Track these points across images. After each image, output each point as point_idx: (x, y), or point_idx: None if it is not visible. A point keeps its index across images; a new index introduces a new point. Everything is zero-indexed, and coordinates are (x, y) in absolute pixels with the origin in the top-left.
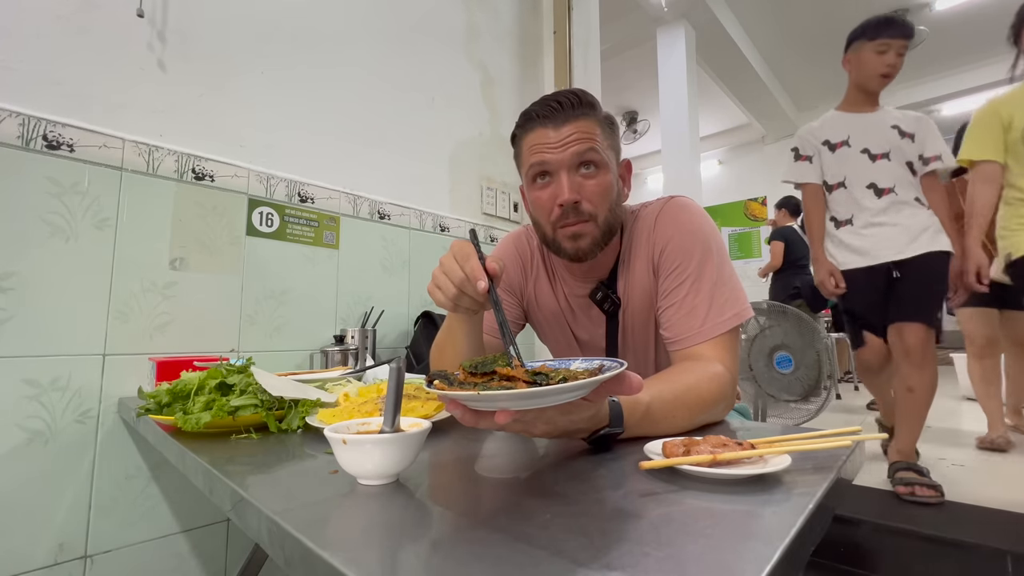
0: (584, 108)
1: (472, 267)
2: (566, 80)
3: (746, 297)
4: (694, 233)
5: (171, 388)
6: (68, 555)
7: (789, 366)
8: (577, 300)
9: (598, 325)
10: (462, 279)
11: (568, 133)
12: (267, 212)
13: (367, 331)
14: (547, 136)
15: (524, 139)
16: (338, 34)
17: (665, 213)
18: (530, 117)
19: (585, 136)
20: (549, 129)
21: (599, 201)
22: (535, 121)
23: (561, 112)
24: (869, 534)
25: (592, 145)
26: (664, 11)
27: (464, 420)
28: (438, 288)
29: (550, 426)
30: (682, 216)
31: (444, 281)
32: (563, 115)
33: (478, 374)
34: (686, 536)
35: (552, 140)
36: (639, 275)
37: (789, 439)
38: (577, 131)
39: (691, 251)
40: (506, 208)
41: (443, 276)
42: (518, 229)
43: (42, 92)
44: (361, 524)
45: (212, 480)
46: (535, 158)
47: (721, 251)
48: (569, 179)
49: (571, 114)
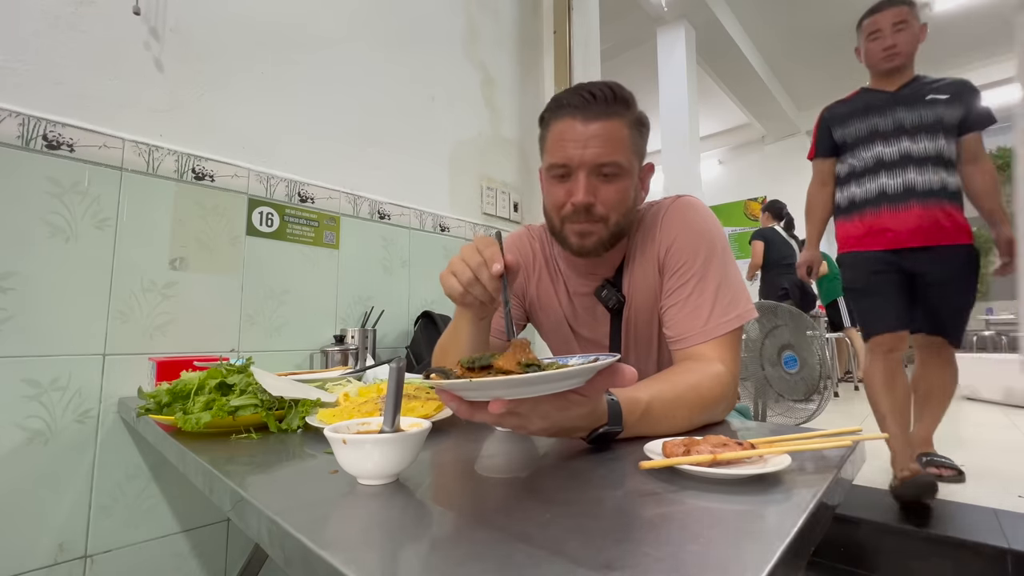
0: (617, 106)
1: (492, 252)
2: (566, 80)
3: (749, 298)
4: (701, 233)
5: (171, 388)
6: (68, 555)
7: (795, 365)
8: (581, 298)
9: (602, 323)
10: (479, 263)
11: (595, 132)
12: (267, 212)
13: (367, 331)
14: (574, 129)
15: (551, 126)
16: (338, 34)
17: (672, 212)
18: (561, 104)
19: (611, 139)
20: (578, 121)
21: (613, 206)
22: (565, 110)
23: (593, 105)
24: (869, 534)
25: (616, 150)
26: (664, 11)
27: (460, 412)
28: (453, 274)
29: (547, 422)
30: (689, 215)
31: (460, 266)
32: (595, 109)
33: (475, 368)
34: (686, 536)
35: (578, 135)
36: (644, 273)
37: (789, 439)
38: (604, 132)
39: (697, 250)
40: (506, 208)
41: (460, 262)
42: (519, 230)
43: (42, 92)
44: (361, 524)
45: (212, 480)
46: (557, 152)
47: (727, 252)
48: (587, 181)
49: (602, 110)
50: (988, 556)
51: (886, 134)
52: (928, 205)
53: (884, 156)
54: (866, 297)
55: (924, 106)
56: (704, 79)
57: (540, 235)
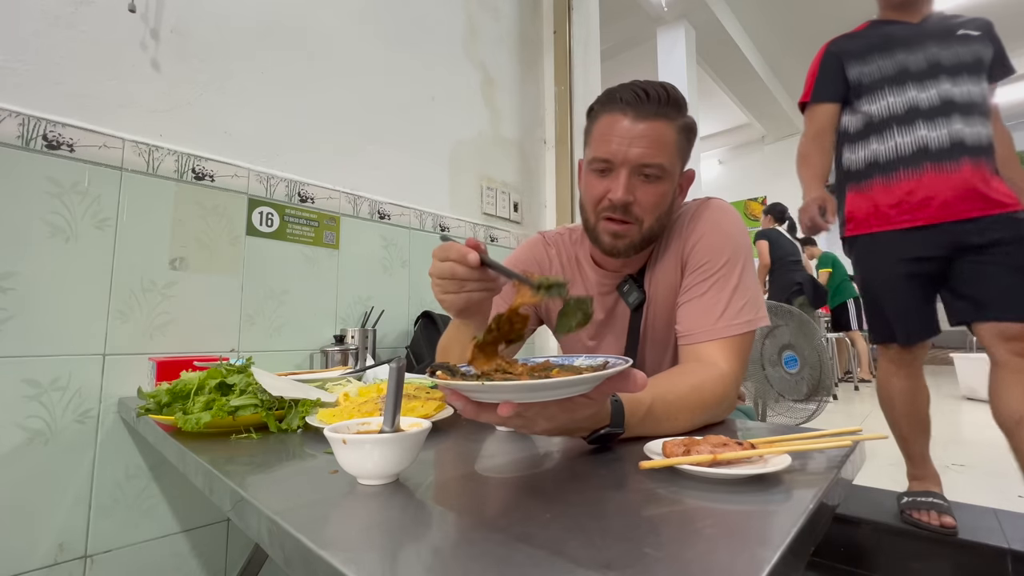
0: (668, 108)
1: (456, 252)
2: (566, 80)
3: (764, 308)
4: (727, 235)
5: (171, 388)
6: (68, 555)
7: (796, 365)
8: (601, 299)
9: (620, 321)
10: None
11: (642, 131)
12: (267, 212)
13: (367, 331)
14: (622, 124)
15: (600, 118)
16: (338, 34)
17: (701, 213)
18: (613, 98)
19: (657, 140)
20: (627, 118)
21: (650, 208)
22: (616, 104)
23: (645, 104)
24: (869, 534)
25: (660, 152)
26: (664, 11)
27: (465, 412)
28: (444, 292)
29: (552, 423)
30: (717, 216)
31: (443, 283)
32: (646, 108)
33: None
34: (686, 536)
35: (624, 132)
36: (667, 271)
37: (789, 439)
38: (652, 132)
39: (721, 251)
40: (506, 208)
41: (440, 280)
42: (533, 237)
43: (42, 92)
44: (361, 524)
45: (212, 480)
46: (602, 146)
47: (749, 259)
48: (627, 179)
49: (654, 110)
50: (988, 556)
51: (920, 74)
52: (980, 165)
53: (920, 102)
54: (894, 296)
55: (959, 42)
56: (704, 79)
57: (556, 240)
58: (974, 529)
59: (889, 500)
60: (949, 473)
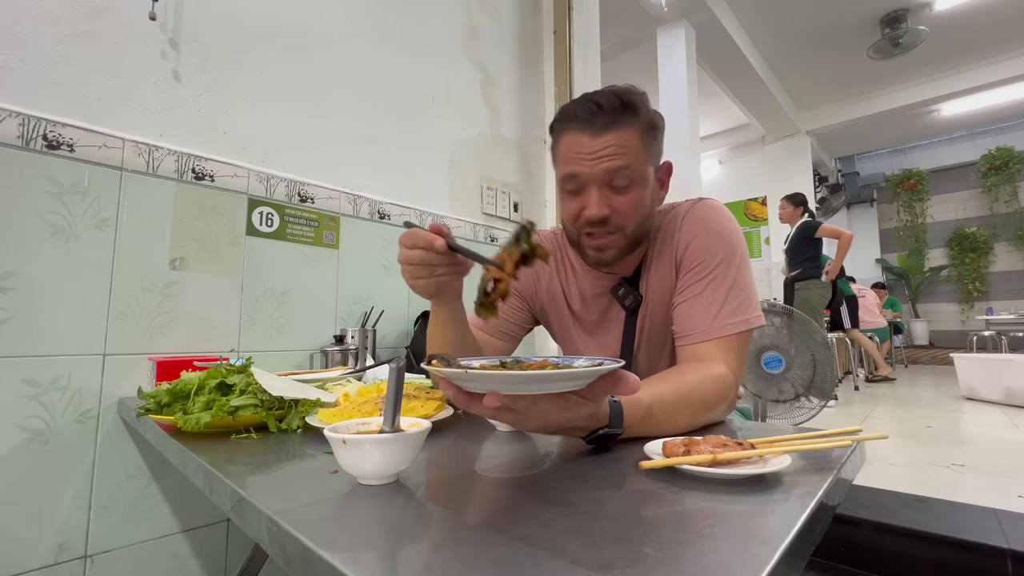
0: (624, 115)
1: (422, 239)
2: (566, 80)
3: (759, 306)
4: (720, 235)
5: (171, 388)
6: (68, 555)
7: (779, 366)
8: (595, 300)
9: (615, 323)
10: (422, 255)
11: (604, 145)
12: (267, 212)
13: (367, 331)
14: (582, 143)
15: (560, 139)
16: (339, 34)
17: (694, 213)
18: (568, 115)
19: (621, 151)
20: (585, 135)
21: (629, 215)
22: (572, 122)
23: (600, 116)
24: (869, 534)
25: (627, 162)
26: (664, 11)
27: (456, 401)
28: (415, 278)
29: (545, 421)
30: (709, 216)
31: (412, 268)
32: (602, 120)
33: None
34: (686, 536)
35: (586, 150)
36: (662, 273)
37: (789, 439)
38: (614, 143)
39: (715, 251)
40: (506, 208)
41: (409, 266)
42: (550, 228)
43: (42, 92)
44: (361, 524)
45: (212, 480)
46: (568, 167)
47: (744, 258)
48: (599, 194)
49: (610, 120)
50: (988, 556)
51: None
52: None
53: None
54: None
55: None
56: (704, 79)
57: (550, 239)
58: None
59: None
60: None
